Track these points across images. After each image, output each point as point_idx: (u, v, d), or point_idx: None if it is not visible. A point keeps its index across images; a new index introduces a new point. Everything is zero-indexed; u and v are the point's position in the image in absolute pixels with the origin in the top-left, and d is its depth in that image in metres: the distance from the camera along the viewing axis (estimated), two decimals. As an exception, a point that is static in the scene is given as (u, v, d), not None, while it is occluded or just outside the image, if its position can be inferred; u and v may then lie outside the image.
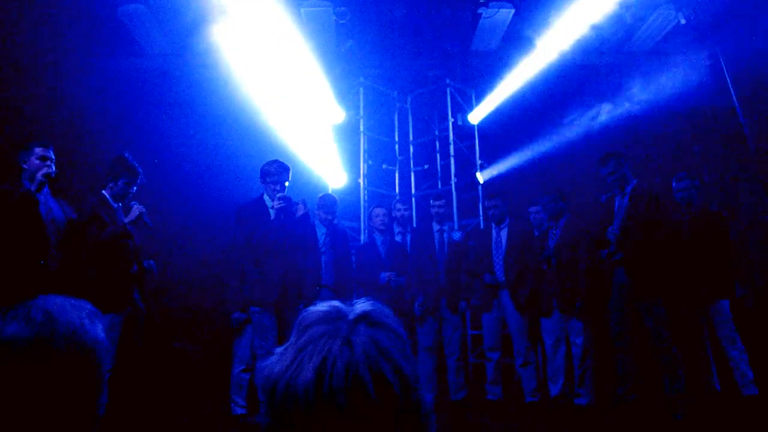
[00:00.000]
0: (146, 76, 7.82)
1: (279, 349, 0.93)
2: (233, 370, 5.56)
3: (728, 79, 7.25)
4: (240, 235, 5.02)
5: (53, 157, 4.37)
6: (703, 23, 7.06)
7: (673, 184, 5.66)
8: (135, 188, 4.75)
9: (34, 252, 4.10)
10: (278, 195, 4.95)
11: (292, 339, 0.92)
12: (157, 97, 7.77)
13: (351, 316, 0.93)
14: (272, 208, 4.98)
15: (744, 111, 7.03)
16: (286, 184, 5.07)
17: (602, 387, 5.86)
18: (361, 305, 0.96)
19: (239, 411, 5.44)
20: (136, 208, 4.68)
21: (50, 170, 4.31)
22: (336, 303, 0.97)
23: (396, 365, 0.89)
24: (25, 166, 4.26)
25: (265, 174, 5.08)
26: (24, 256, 4.06)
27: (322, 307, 0.96)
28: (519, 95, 8.02)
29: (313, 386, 0.84)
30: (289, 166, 5.17)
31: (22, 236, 4.07)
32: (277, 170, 5.03)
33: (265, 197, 5.08)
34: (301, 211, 5.10)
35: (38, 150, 4.30)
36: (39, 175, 4.25)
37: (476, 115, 8.56)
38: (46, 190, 4.37)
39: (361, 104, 8.57)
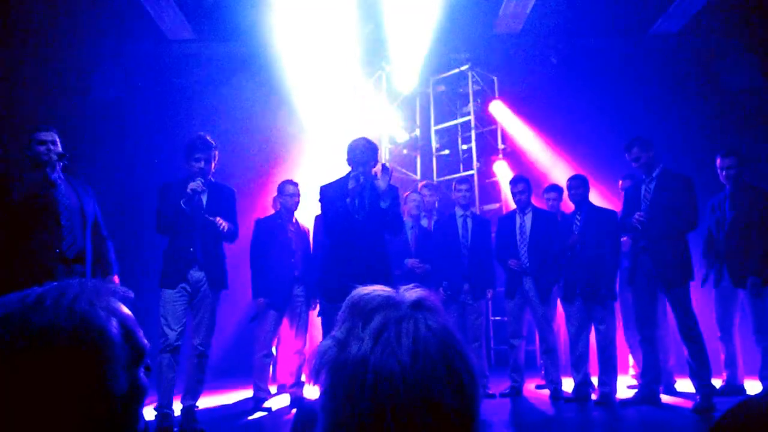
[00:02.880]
0: (168, 62, 7.85)
1: (337, 333, 0.90)
2: (255, 354, 5.57)
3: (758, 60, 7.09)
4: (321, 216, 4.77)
5: (55, 138, 4.19)
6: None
7: (718, 161, 5.49)
8: (204, 162, 4.62)
9: (47, 239, 4.04)
10: (353, 174, 4.48)
11: (354, 322, 0.89)
12: (180, 83, 7.80)
13: (408, 302, 0.90)
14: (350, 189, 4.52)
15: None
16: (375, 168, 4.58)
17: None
18: (411, 291, 0.93)
19: (262, 395, 5.45)
20: (192, 184, 4.54)
21: (55, 150, 4.13)
22: (385, 288, 0.94)
23: (462, 355, 0.88)
24: (29, 154, 4.13)
25: (350, 153, 4.58)
26: (38, 244, 4.01)
27: (375, 291, 0.93)
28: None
29: (411, 370, 0.82)
30: (377, 146, 4.70)
31: (35, 224, 4.03)
32: (363, 151, 4.53)
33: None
34: (383, 184, 4.49)
35: (38, 135, 4.14)
36: (44, 157, 4.07)
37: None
38: (60, 174, 4.21)
39: (383, 89, 8.50)
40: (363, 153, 4.52)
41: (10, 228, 3.98)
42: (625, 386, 5.95)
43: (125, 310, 0.99)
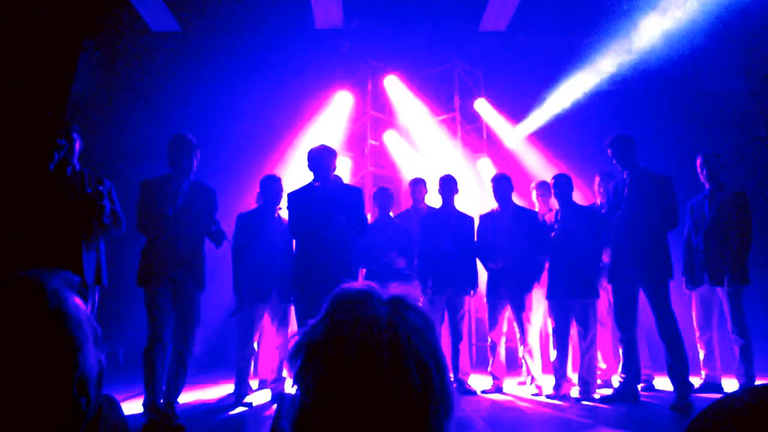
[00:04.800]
0: (152, 55, 7.79)
1: (312, 321, 0.93)
2: (236, 349, 5.56)
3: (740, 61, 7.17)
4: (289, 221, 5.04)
5: (59, 132, 4.36)
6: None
7: (698, 161, 5.57)
8: (185, 162, 4.67)
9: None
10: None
11: (329, 311, 0.93)
12: (164, 76, 7.73)
13: (386, 298, 0.93)
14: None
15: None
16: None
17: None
18: (393, 289, 0.96)
19: (243, 391, 5.43)
20: None
21: (60, 143, 4.30)
22: (369, 283, 0.96)
23: (434, 352, 0.90)
24: None
25: (310, 159, 4.98)
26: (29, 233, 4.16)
27: (356, 286, 0.96)
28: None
29: (357, 360, 0.84)
30: (335, 151, 5.08)
31: (26, 212, 4.16)
32: (321, 157, 4.95)
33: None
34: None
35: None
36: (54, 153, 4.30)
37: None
38: (69, 167, 4.40)
39: (368, 84, 8.50)
40: (321, 159, 4.91)
41: (13, 218, 4.13)
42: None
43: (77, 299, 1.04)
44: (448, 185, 6.18)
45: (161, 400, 4.51)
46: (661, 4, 7.16)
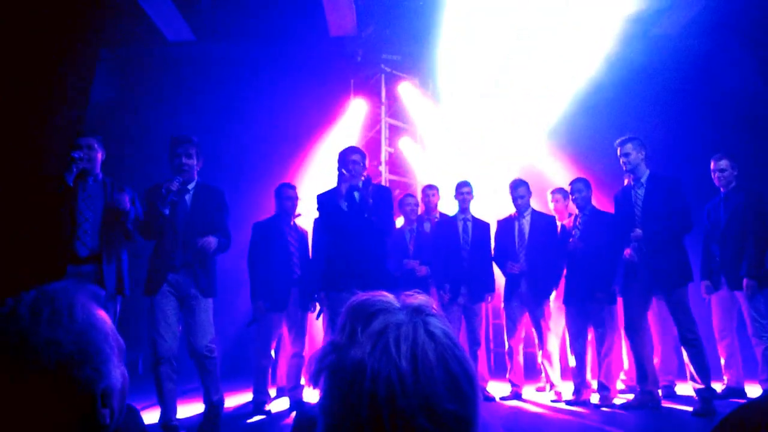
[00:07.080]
0: (167, 64, 7.86)
1: (336, 337, 0.90)
2: (254, 357, 5.59)
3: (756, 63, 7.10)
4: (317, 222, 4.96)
5: (91, 143, 4.44)
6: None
7: (712, 164, 5.51)
8: (184, 157, 4.44)
9: (59, 238, 4.19)
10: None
11: (354, 326, 0.89)
12: (180, 85, 7.81)
13: (409, 307, 0.91)
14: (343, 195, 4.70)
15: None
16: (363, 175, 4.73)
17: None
18: (413, 297, 0.94)
19: (261, 399, 5.43)
20: (168, 184, 4.36)
21: (75, 156, 4.27)
22: (386, 294, 0.94)
23: (468, 359, 0.89)
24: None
25: (341, 161, 4.78)
26: (49, 242, 4.19)
27: (375, 296, 0.93)
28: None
29: (409, 375, 0.82)
30: (365, 153, 4.94)
31: (51, 222, 4.21)
32: (349, 156, 4.77)
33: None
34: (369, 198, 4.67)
35: (77, 140, 4.44)
36: (70, 161, 4.28)
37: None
38: (90, 177, 4.42)
39: (383, 91, 8.53)
40: (349, 158, 4.75)
41: (29, 225, 4.18)
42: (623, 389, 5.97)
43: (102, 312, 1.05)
44: (464, 191, 6.15)
45: (175, 415, 4.42)
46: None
